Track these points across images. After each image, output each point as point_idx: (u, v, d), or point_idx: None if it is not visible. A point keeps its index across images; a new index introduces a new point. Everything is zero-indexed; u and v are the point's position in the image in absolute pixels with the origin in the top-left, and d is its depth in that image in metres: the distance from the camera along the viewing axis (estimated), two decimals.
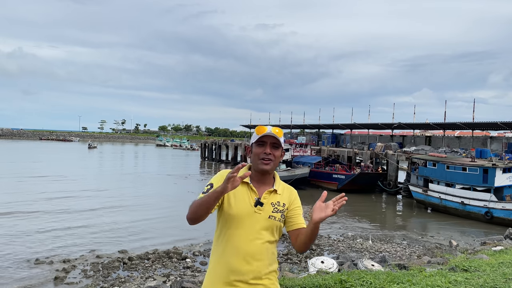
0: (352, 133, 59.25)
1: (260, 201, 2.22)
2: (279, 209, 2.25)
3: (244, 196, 2.23)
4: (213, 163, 61.05)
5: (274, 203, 2.25)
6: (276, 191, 2.28)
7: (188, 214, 2.13)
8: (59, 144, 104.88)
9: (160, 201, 25.28)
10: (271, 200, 2.25)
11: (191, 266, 12.80)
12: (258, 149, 2.25)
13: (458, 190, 24.12)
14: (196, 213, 2.09)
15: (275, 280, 2.28)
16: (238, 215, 2.19)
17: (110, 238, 16.22)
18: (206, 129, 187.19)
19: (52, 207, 21.58)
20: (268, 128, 2.24)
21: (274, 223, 2.22)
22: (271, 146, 2.24)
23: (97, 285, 11.05)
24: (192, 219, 2.13)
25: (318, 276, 6.02)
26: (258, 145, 2.25)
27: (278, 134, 2.24)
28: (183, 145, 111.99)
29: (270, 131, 2.22)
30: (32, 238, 15.65)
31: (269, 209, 2.23)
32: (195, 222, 2.14)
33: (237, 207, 2.20)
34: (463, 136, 45.95)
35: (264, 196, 2.24)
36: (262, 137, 2.23)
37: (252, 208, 2.20)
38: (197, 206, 2.08)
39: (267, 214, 2.21)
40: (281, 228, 2.29)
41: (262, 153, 2.23)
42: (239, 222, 2.19)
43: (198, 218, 2.11)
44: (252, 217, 2.19)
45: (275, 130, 2.24)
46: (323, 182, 34.74)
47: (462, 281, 5.15)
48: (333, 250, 15.22)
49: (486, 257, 7.69)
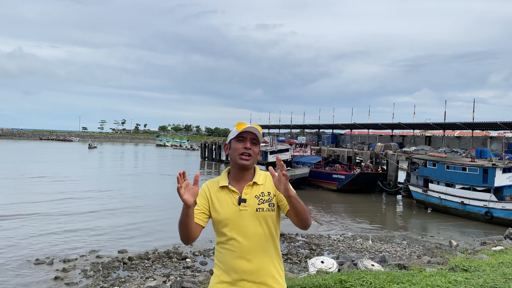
0: (352, 133, 59.26)
1: (242, 198, 2.21)
2: (264, 199, 2.23)
3: (226, 199, 2.23)
4: (213, 163, 61.05)
5: (257, 195, 2.23)
6: (256, 183, 2.27)
7: (179, 237, 2.20)
8: (59, 144, 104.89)
9: (160, 201, 25.29)
10: (254, 193, 2.24)
11: (191, 266, 12.80)
12: (237, 145, 2.25)
13: (458, 190, 24.12)
14: (182, 234, 2.16)
15: (280, 278, 2.24)
16: (227, 218, 2.20)
17: (110, 238, 16.22)
18: (206, 129, 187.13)
19: (53, 208, 21.57)
20: (248, 124, 2.26)
21: (264, 215, 2.21)
22: (250, 142, 2.24)
23: (97, 285, 11.06)
24: (184, 240, 2.20)
25: (318, 276, 6.02)
26: (238, 141, 2.25)
27: (257, 130, 2.25)
28: (183, 145, 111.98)
29: (250, 126, 2.23)
30: (32, 238, 15.65)
31: (254, 202, 2.21)
32: (188, 242, 2.20)
33: (223, 211, 2.21)
34: (463, 136, 45.95)
35: (245, 192, 2.23)
36: (242, 132, 2.23)
37: (236, 207, 2.20)
38: (179, 227, 2.14)
39: (254, 208, 2.20)
40: (276, 217, 2.26)
41: (242, 148, 2.23)
42: (230, 224, 2.19)
43: (188, 238, 2.17)
44: (241, 216, 2.19)
45: (254, 126, 2.25)
46: (323, 182, 34.74)
47: (462, 281, 5.16)
48: (333, 250, 15.22)
49: (486, 257, 7.69)
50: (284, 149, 42.73)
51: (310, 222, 2.18)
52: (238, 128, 2.25)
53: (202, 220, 2.24)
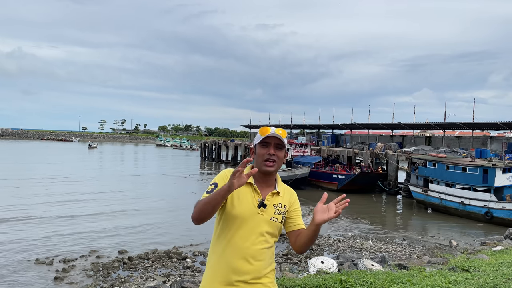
0: (352, 133, 59.27)
1: (263, 203, 2.22)
2: (280, 211, 2.26)
3: (247, 197, 2.22)
4: (213, 163, 61.05)
5: (276, 205, 2.25)
6: (279, 193, 2.29)
7: (193, 214, 2.12)
8: (59, 144, 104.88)
9: (160, 201, 25.28)
10: (273, 202, 2.26)
11: (191, 266, 12.81)
12: (262, 150, 2.24)
13: (458, 190, 24.12)
14: (202, 212, 2.07)
15: (273, 278, 2.29)
16: (241, 216, 2.19)
17: (110, 238, 16.21)
18: (206, 129, 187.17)
19: (53, 209, 21.59)
20: (272, 129, 2.24)
21: (275, 225, 2.23)
22: (274, 147, 2.23)
23: (97, 285, 11.05)
24: (198, 219, 2.11)
25: (318, 276, 6.02)
26: (262, 146, 2.25)
27: (282, 135, 2.23)
28: (183, 145, 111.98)
29: (274, 132, 2.22)
30: (32, 239, 15.65)
31: (271, 210, 2.23)
32: (200, 222, 2.12)
33: (240, 208, 2.19)
34: (463, 136, 45.97)
35: (267, 198, 2.25)
36: (266, 138, 2.23)
37: (255, 209, 2.20)
38: (203, 205, 2.06)
39: (270, 216, 2.22)
40: (281, 229, 2.30)
41: (266, 154, 2.23)
42: (242, 223, 2.18)
43: (203, 218, 2.09)
44: (255, 218, 2.19)
45: (278, 131, 2.24)
46: (323, 182, 34.74)
47: (462, 281, 5.15)
48: (333, 250, 15.22)
49: (486, 257, 7.69)
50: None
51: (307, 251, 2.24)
52: (261, 133, 2.25)
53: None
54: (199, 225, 2.18)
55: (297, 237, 2.24)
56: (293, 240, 2.26)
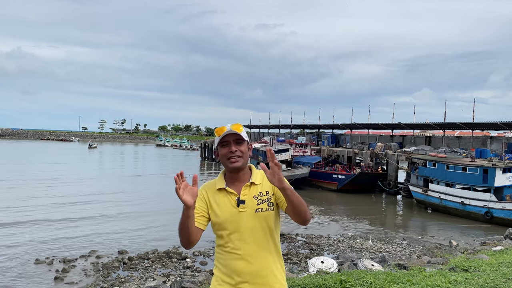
0: (352, 133, 59.26)
1: (240, 200, 2.20)
2: (263, 199, 2.21)
3: (225, 201, 2.22)
4: (213, 163, 61.04)
5: (256, 196, 2.22)
6: (254, 183, 2.25)
7: (180, 242, 2.16)
8: (59, 144, 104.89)
9: (160, 201, 25.27)
10: (252, 194, 2.22)
11: (191, 266, 12.81)
12: (223, 150, 2.23)
13: (458, 190, 24.12)
14: (183, 237, 2.12)
15: (281, 278, 2.24)
16: (226, 220, 2.18)
17: (110, 238, 16.22)
18: (206, 129, 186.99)
19: (53, 209, 21.60)
20: (227, 126, 2.23)
21: (263, 215, 2.19)
22: (235, 143, 2.22)
23: (97, 285, 11.06)
24: (185, 245, 2.16)
25: (318, 276, 6.02)
26: (223, 146, 2.24)
27: (237, 130, 2.21)
28: (183, 145, 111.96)
29: (229, 129, 2.21)
30: (32, 239, 15.66)
31: (253, 203, 2.20)
32: (189, 246, 2.16)
33: (222, 214, 2.20)
34: (463, 136, 45.94)
35: (243, 193, 2.22)
36: (223, 137, 2.22)
37: (236, 209, 2.19)
38: (180, 232, 2.11)
39: (253, 209, 2.18)
40: (275, 216, 2.25)
41: (228, 153, 2.21)
42: (230, 226, 2.18)
43: (189, 241, 2.14)
44: (240, 217, 2.18)
45: (233, 126, 2.23)
46: (323, 182, 34.74)
47: (462, 281, 5.16)
48: (333, 250, 15.22)
49: (486, 257, 7.69)
50: (284, 149, 42.71)
51: (309, 216, 2.15)
52: (218, 134, 2.24)
53: (202, 223, 2.22)
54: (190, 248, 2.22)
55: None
56: (290, 215, 2.18)
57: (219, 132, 2.23)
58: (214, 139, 2.40)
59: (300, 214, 2.09)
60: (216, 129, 2.26)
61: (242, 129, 2.25)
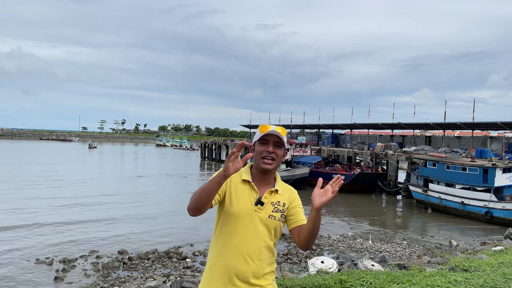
0: (352, 133, 59.24)
1: (261, 200, 2.20)
2: (279, 209, 2.23)
3: (245, 195, 2.21)
4: (213, 163, 61.03)
5: (274, 203, 2.23)
6: (277, 191, 2.27)
7: (189, 204, 2.05)
8: (59, 144, 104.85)
9: (160, 201, 25.28)
10: (271, 200, 2.24)
11: (191, 266, 12.81)
12: (260, 147, 2.23)
13: (458, 190, 24.11)
14: (198, 201, 2.01)
15: (273, 280, 2.26)
16: (238, 214, 2.17)
17: (110, 238, 16.20)
18: (206, 129, 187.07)
19: (53, 210, 21.58)
20: (272, 126, 2.23)
21: (274, 223, 2.21)
22: (273, 145, 2.22)
23: (97, 285, 11.05)
24: (194, 209, 2.04)
25: (318, 276, 6.02)
26: (261, 144, 2.23)
27: (281, 133, 2.21)
28: (183, 145, 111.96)
29: (273, 130, 2.20)
30: (32, 239, 15.65)
31: (269, 208, 2.21)
32: (196, 213, 2.05)
33: (238, 205, 2.18)
34: (463, 136, 45.94)
35: (265, 196, 2.23)
36: (265, 135, 2.22)
37: (252, 207, 2.19)
38: (199, 193, 2.01)
39: (267, 214, 2.20)
40: (281, 228, 2.27)
41: (264, 151, 2.21)
42: (239, 221, 2.17)
43: (199, 208, 2.03)
44: (252, 216, 2.18)
45: (278, 129, 2.22)
46: (323, 182, 34.69)
47: (462, 281, 5.15)
48: (333, 250, 15.22)
49: (486, 257, 7.69)
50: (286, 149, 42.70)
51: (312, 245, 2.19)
52: (261, 131, 2.23)
53: (215, 199, 2.14)
54: (194, 216, 2.09)
55: (300, 232, 2.20)
56: (296, 236, 2.22)
57: (263, 129, 2.23)
58: (214, 139, 2.38)
59: (312, 240, 2.16)
60: (260, 126, 2.25)
61: (285, 134, 2.25)
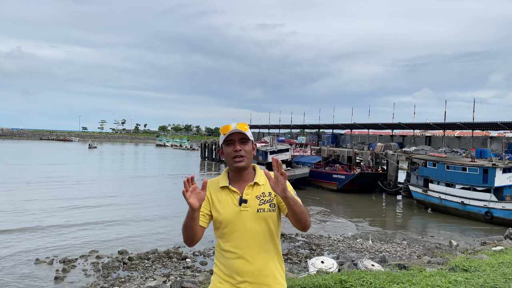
0: (352, 133, 59.24)
1: (243, 199, 2.20)
2: (265, 200, 2.21)
3: (227, 200, 2.22)
4: (213, 163, 61.03)
5: (258, 196, 2.22)
6: (257, 183, 2.25)
7: (183, 238, 2.19)
8: (59, 144, 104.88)
9: (160, 202, 25.29)
10: (255, 194, 2.22)
11: (191, 266, 12.81)
12: (228, 149, 2.23)
13: (458, 190, 24.11)
14: (186, 236, 2.15)
15: (282, 278, 2.24)
16: (227, 219, 2.18)
17: (110, 238, 16.21)
18: (206, 129, 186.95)
19: (53, 211, 21.60)
20: (233, 125, 2.22)
21: (265, 215, 2.19)
22: (239, 142, 2.21)
23: (97, 285, 11.05)
24: (188, 242, 2.19)
25: (318, 276, 6.02)
26: (227, 145, 2.23)
27: (243, 129, 2.21)
28: (183, 145, 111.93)
29: (235, 128, 2.20)
30: (32, 239, 15.66)
31: (255, 203, 2.19)
32: (192, 244, 2.19)
33: (224, 212, 2.20)
34: (463, 136, 45.93)
35: (246, 193, 2.22)
36: (228, 135, 2.21)
37: (237, 208, 2.19)
38: (184, 230, 2.14)
39: (255, 209, 2.18)
40: (276, 217, 2.24)
41: (232, 152, 2.21)
42: (231, 225, 2.18)
43: (192, 240, 2.16)
44: (242, 217, 2.17)
45: (239, 125, 2.22)
46: (323, 182, 34.74)
47: (462, 281, 5.16)
48: (333, 250, 15.21)
49: (486, 257, 7.69)
50: (284, 149, 42.72)
51: (309, 224, 2.15)
52: (223, 132, 2.23)
53: (205, 221, 2.22)
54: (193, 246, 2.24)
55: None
56: (292, 220, 2.17)
57: (224, 130, 2.22)
58: (214, 139, 2.39)
59: (301, 222, 2.11)
60: (222, 127, 2.25)
61: (247, 128, 2.25)
